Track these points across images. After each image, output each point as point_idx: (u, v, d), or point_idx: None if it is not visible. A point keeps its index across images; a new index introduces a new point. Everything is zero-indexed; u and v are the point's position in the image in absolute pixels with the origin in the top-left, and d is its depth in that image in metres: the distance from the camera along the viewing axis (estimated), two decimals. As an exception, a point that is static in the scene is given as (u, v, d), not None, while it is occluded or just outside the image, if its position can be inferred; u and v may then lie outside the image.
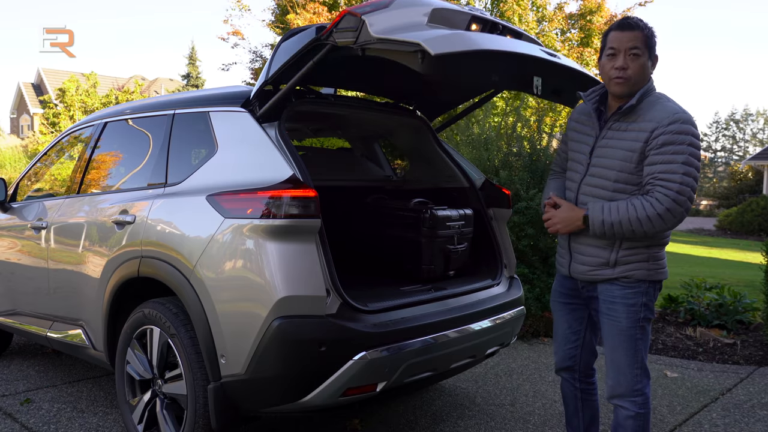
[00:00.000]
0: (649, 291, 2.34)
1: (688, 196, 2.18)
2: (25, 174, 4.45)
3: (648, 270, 2.32)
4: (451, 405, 3.70)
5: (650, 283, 2.34)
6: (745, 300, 5.63)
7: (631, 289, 2.33)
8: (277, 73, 2.63)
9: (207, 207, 2.62)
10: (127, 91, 20.73)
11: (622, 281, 2.34)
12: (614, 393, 2.41)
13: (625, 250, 2.31)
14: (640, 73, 2.26)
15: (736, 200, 24.32)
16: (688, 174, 2.16)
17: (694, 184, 2.19)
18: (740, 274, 9.09)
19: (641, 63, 2.25)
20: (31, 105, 36.77)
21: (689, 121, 2.19)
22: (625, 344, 2.36)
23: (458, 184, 3.57)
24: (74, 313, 3.46)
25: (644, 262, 2.32)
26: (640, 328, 2.34)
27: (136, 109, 3.64)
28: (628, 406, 2.37)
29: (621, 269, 2.32)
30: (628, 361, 2.36)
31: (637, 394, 2.36)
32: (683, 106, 2.25)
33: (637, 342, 2.35)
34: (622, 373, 2.38)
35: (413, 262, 3.28)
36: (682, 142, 2.17)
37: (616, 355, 2.39)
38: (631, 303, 2.33)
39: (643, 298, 2.33)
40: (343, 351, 2.43)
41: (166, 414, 2.82)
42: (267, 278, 2.41)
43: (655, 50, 2.29)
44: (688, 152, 2.16)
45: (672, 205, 2.16)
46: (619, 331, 2.36)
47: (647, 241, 2.30)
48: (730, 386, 4.08)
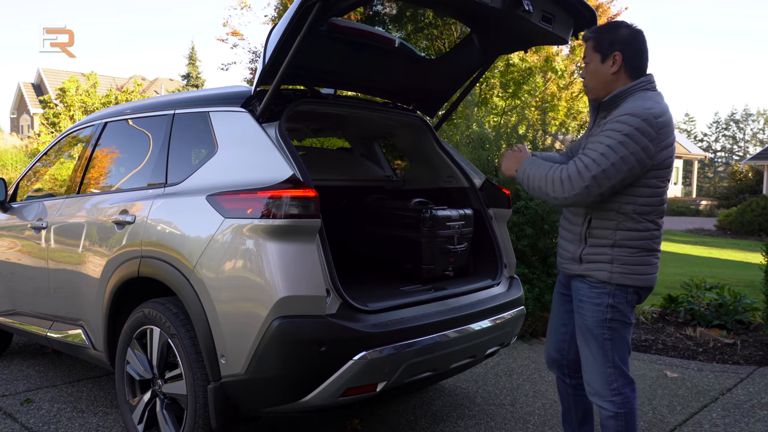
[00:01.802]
0: (617, 294, 2.33)
1: (595, 174, 2.18)
2: (25, 174, 4.45)
3: (611, 272, 2.31)
4: (451, 405, 3.70)
5: (617, 286, 2.32)
6: (745, 300, 5.63)
7: (596, 289, 2.35)
8: (274, 55, 2.60)
9: (207, 207, 2.62)
10: (126, 91, 20.74)
11: (588, 280, 2.38)
12: (590, 390, 2.45)
13: (589, 247, 2.36)
14: (593, 78, 2.37)
15: (736, 200, 24.30)
16: (606, 155, 2.18)
17: (609, 167, 2.17)
18: (740, 274, 9.09)
19: (591, 69, 2.38)
20: (31, 105, 36.76)
21: (640, 115, 2.18)
22: (591, 343, 2.39)
23: (458, 184, 3.57)
24: (74, 313, 3.46)
25: (607, 263, 2.32)
26: (608, 329, 2.34)
27: (136, 109, 3.64)
28: (607, 407, 2.38)
29: (585, 267, 2.37)
30: (598, 360, 2.38)
31: (615, 394, 2.36)
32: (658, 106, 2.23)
33: (605, 342, 2.35)
34: (593, 371, 2.40)
35: (413, 262, 3.28)
36: (620, 130, 2.18)
37: (585, 353, 2.43)
38: (596, 303, 2.35)
39: (609, 299, 2.33)
40: (343, 351, 2.43)
41: (166, 414, 2.81)
42: (267, 278, 2.41)
43: (611, 48, 2.32)
44: (619, 139, 2.17)
45: (575, 174, 2.22)
46: (586, 329, 2.40)
47: (610, 241, 2.31)
48: (730, 386, 4.08)
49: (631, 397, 2.39)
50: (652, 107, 2.21)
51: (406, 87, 3.64)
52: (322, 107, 3.27)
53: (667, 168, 2.28)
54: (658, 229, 2.34)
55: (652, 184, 2.27)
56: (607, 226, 2.32)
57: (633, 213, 2.28)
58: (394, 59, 3.35)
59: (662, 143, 2.22)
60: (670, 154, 2.26)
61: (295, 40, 2.52)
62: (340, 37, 2.96)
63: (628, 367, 2.41)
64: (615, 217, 2.30)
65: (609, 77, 2.33)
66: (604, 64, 2.34)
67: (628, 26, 2.36)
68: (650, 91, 2.30)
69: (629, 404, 2.37)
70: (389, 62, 3.35)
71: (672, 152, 2.28)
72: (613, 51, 2.32)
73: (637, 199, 2.27)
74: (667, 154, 2.25)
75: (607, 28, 2.39)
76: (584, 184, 2.21)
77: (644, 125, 2.17)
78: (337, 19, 2.86)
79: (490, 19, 2.99)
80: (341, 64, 3.26)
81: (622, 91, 2.30)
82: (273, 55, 2.60)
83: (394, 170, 4.26)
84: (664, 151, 2.23)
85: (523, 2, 2.61)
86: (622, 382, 2.38)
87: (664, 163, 2.26)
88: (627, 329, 2.39)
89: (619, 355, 2.37)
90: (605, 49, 2.33)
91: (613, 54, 2.31)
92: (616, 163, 2.17)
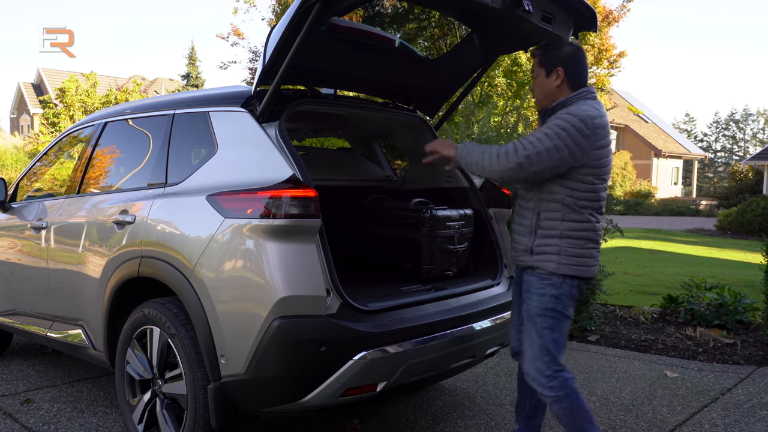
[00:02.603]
0: (562, 286, 2.50)
1: (529, 153, 2.40)
2: (25, 174, 4.45)
3: (558, 263, 2.49)
4: (451, 405, 3.70)
5: (563, 277, 2.50)
6: (745, 300, 5.62)
7: (543, 280, 2.53)
8: (274, 55, 2.60)
9: (207, 207, 2.62)
10: (126, 91, 20.73)
11: (537, 272, 2.55)
12: (528, 375, 2.59)
13: (539, 239, 2.54)
14: (539, 91, 2.63)
15: (736, 200, 24.27)
16: (542, 141, 2.40)
17: (543, 151, 2.39)
18: (740, 274, 9.08)
19: (537, 83, 2.63)
20: (31, 105, 36.76)
21: (577, 115, 2.42)
22: (533, 330, 2.55)
23: (458, 184, 3.57)
24: (74, 313, 3.46)
25: (555, 254, 2.50)
26: (549, 318, 2.51)
27: (136, 109, 3.64)
28: (546, 393, 2.53)
29: (536, 258, 2.54)
30: (536, 347, 2.54)
31: (551, 380, 2.51)
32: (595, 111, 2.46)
33: (544, 330, 2.52)
34: (533, 357, 2.55)
35: (413, 262, 3.28)
36: (558, 125, 2.42)
37: (527, 341, 2.59)
38: (541, 293, 2.53)
39: (553, 290, 2.50)
40: (343, 351, 2.43)
41: (166, 414, 2.81)
42: (267, 278, 2.41)
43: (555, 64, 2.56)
44: (556, 131, 2.40)
45: (512, 151, 2.43)
46: (529, 317, 2.57)
47: (557, 232, 2.49)
48: (730, 386, 4.08)
49: (566, 378, 2.53)
50: (588, 110, 2.45)
51: (406, 87, 3.64)
52: (322, 107, 3.27)
53: (603, 167, 2.49)
54: (598, 221, 2.55)
55: (588, 180, 2.47)
56: (554, 217, 2.51)
57: (574, 205, 2.48)
58: (394, 59, 3.35)
59: (597, 143, 2.44)
60: (606, 154, 2.49)
61: (295, 40, 2.52)
62: (340, 37, 2.96)
63: (561, 358, 2.56)
64: (560, 209, 2.50)
65: (553, 90, 2.58)
66: (548, 78, 2.58)
67: (571, 45, 2.63)
68: (590, 100, 2.52)
69: (566, 385, 2.51)
70: (389, 62, 3.35)
71: (607, 153, 2.50)
72: (557, 67, 2.56)
73: (575, 192, 2.47)
74: (602, 154, 2.47)
75: (552, 47, 2.63)
76: (518, 161, 2.41)
77: (580, 124, 2.40)
78: (337, 19, 2.86)
79: (490, 19, 3.00)
80: (341, 64, 3.26)
81: (565, 99, 2.53)
82: (273, 55, 2.60)
83: (394, 170, 4.26)
84: (598, 151, 2.45)
85: (523, 2, 2.62)
86: (555, 368, 2.52)
87: (600, 162, 2.47)
88: (565, 322, 2.56)
89: (555, 345, 2.53)
90: (549, 65, 2.58)
91: (557, 69, 2.56)
92: (549, 149, 2.39)
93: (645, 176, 33.34)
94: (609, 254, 10.39)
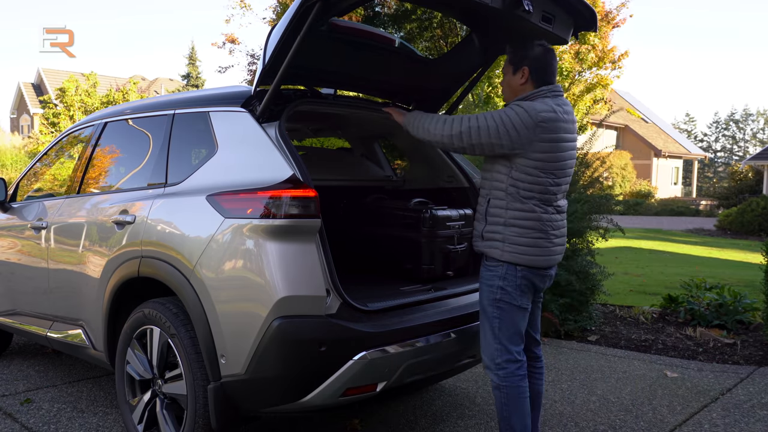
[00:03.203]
0: (507, 276, 2.58)
1: (471, 125, 2.55)
2: (25, 174, 4.45)
3: (502, 251, 2.58)
4: (451, 405, 3.70)
5: (508, 265, 2.58)
6: (745, 300, 5.63)
7: (490, 271, 2.62)
8: (274, 55, 2.60)
9: (207, 207, 2.62)
10: (124, 91, 20.73)
11: (487, 262, 2.65)
12: (483, 362, 2.71)
13: (489, 225, 2.63)
14: (506, 87, 2.75)
15: (736, 200, 24.25)
16: (486, 118, 2.54)
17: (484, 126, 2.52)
18: (740, 274, 9.08)
19: (504, 80, 2.76)
20: (31, 105, 36.75)
21: (523, 107, 2.53)
22: (483, 320, 2.67)
23: (458, 184, 3.57)
24: (74, 313, 3.46)
25: (498, 242, 2.59)
26: (497, 308, 2.61)
27: (137, 109, 3.64)
28: (492, 377, 2.66)
29: (485, 244, 2.64)
30: (487, 336, 2.65)
31: (499, 368, 2.62)
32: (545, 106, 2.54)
33: (493, 320, 2.62)
34: (485, 344, 2.67)
35: (413, 262, 3.28)
36: (503, 111, 2.56)
37: (480, 329, 2.70)
38: (489, 284, 2.63)
39: (499, 282, 2.59)
40: (343, 351, 2.43)
41: (166, 414, 2.81)
42: (267, 278, 2.41)
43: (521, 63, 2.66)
44: (500, 114, 2.54)
45: (457, 120, 2.59)
46: (481, 307, 2.68)
47: (502, 219, 2.58)
48: (730, 386, 4.08)
49: (514, 371, 2.62)
50: (537, 105, 2.54)
51: (406, 87, 3.64)
52: (322, 107, 3.27)
53: (551, 162, 2.55)
54: (545, 212, 2.59)
55: (533, 173, 2.54)
56: (500, 205, 2.60)
57: (518, 195, 2.56)
58: (394, 59, 3.35)
59: (541, 135, 2.50)
60: (554, 149, 2.54)
61: (295, 40, 2.52)
62: (340, 37, 2.96)
63: (516, 348, 2.65)
64: (505, 197, 2.59)
65: (518, 87, 2.67)
66: (514, 75, 2.67)
67: (541, 45, 2.67)
68: (548, 98, 2.58)
69: (511, 378, 2.61)
70: (389, 62, 3.35)
71: (555, 149, 2.55)
72: (523, 65, 2.64)
73: (519, 183, 2.55)
74: (549, 148, 2.53)
75: (521, 46, 2.69)
76: (459, 129, 2.56)
77: (524, 113, 2.50)
78: (338, 19, 2.86)
79: (490, 19, 2.99)
80: (341, 64, 3.26)
81: (526, 96, 2.62)
82: (273, 55, 2.60)
83: (394, 170, 4.26)
84: (543, 144, 2.52)
85: (523, 2, 2.62)
86: (506, 358, 2.62)
87: (546, 156, 2.53)
88: (516, 312, 2.63)
89: (506, 335, 2.62)
90: (517, 64, 2.67)
91: (522, 68, 2.64)
92: (491, 126, 2.51)
93: (645, 176, 33.33)
94: (609, 254, 10.39)
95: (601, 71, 11.15)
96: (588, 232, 5.43)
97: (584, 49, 10.35)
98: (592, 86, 10.98)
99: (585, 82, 11.08)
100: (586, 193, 5.56)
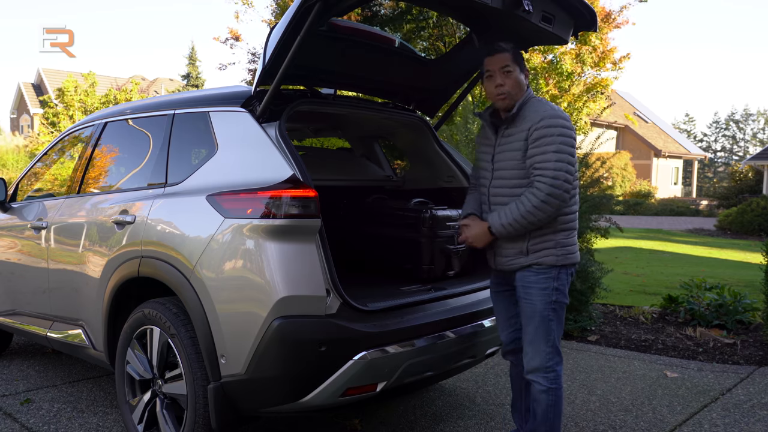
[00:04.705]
0: (560, 276, 2.60)
1: (564, 179, 2.47)
2: (25, 174, 4.45)
3: (557, 256, 2.59)
4: (451, 405, 3.70)
5: (560, 268, 2.60)
6: (745, 300, 5.63)
7: (543, 274, 2.59)
8: (274, 55, 2.60)
9: (207, 207, 2.62)
10: (125, 91, 20.73)
11: (534, 268, 2.60)
12: (529, 368, 2.66)
13: (534, 239, 2.58)
14: (516, 86, 2.62)
15: (736, 200, 24.23)
16: (560, 160, 2.46)
17: (569, 167, 2.48)
18: (740, 274, 9.08)
19: (514, 77, 2.62)
20: (31, 105, 36.76)
21: (558, 116, 2.51)
22: (539, 324, 2.61)
23: (458, 184, 3.58)
24: (74, 313, 3.46)
25: (552, 248, 2.58)
26: (552, 310, 2.60)
27: (137, 109, 3.64)
28: (541, 381, 2.62)
29: (533, 256, 2.59)
30: (542, 340, 2.61)
31: (549, 371, 2.62)
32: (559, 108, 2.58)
33: (550, 323, 2.61)
34: (536, 350, 2.63)
35: (413, 262, 3.28)
36: (552, 134, 2.48)
37: (531, 335, 2.64)
38: (543, 287, 2.59)
39: (554, 283, 2.59)
40: (343, 351, 2.43)
41: (166, 414, 2.81)
42: (267, 278, 2.41)
43: (524, 65, 2.66)
44: (558, 141, 2.47)
45: (550, 190, 2.45)
46: (534, 312, 2.62)
47: (553, 228, 2.56)
48: (730, 386, 4.08)
49: (560, 374, 2.66)
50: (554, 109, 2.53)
51: (406, 87, 3.64)
52: (322, 107, 3.27)
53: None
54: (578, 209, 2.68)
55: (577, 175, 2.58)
56: None
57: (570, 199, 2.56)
58: (394, 59, 3.35)
59: None
60: None
61: (295, 40, 2.52)
62: (341, 37, 2.96)
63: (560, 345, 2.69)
64: None
65: (524, 85, 2.65)
66: (521, 74, 2.64)
67: None
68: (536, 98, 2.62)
69: (559, 381, 2.65)
70: (389, 62, 3.35)
71: None
72: (524, 67, 2.67)
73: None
74: None
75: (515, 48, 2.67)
76: (561, 190, 2.46)
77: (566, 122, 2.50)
78: (337, 19, 2.86)
79: (490, 19, 3.00)
80: (341, 64, 3.26)
81: (524, 99, 2.60)
82: (273, 55, 2.60)
83: (394, 170, 4.26)
84: None
85: (523, 2, 2.62)
86: (558, 360, 2.64)
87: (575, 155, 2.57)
88: (564, 310, 2.67)
89: (557, 336, 2.65)
90: (521, 61, 2.66)
91: (526, 70, 2.67)
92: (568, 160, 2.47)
93: (645, 176, 33.33)
94: (609, 254, 10.39)
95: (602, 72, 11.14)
96: (588, 232, 5.43)
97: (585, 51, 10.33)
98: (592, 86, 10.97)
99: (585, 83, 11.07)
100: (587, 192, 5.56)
